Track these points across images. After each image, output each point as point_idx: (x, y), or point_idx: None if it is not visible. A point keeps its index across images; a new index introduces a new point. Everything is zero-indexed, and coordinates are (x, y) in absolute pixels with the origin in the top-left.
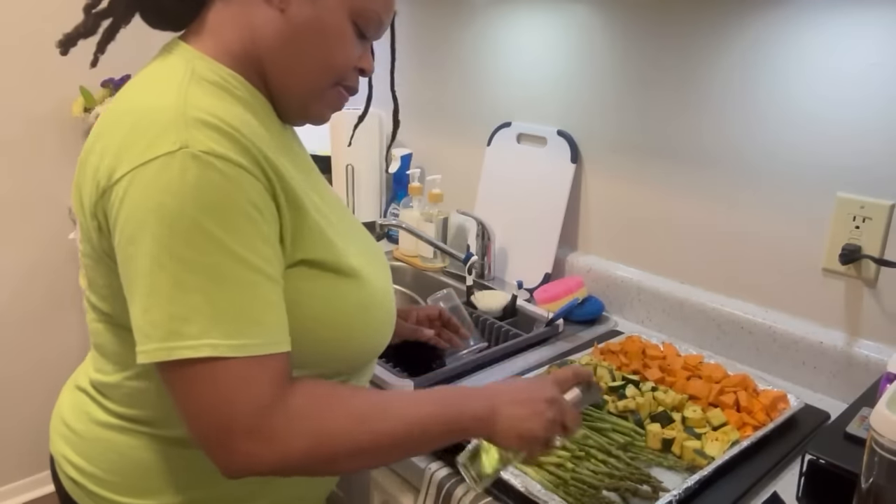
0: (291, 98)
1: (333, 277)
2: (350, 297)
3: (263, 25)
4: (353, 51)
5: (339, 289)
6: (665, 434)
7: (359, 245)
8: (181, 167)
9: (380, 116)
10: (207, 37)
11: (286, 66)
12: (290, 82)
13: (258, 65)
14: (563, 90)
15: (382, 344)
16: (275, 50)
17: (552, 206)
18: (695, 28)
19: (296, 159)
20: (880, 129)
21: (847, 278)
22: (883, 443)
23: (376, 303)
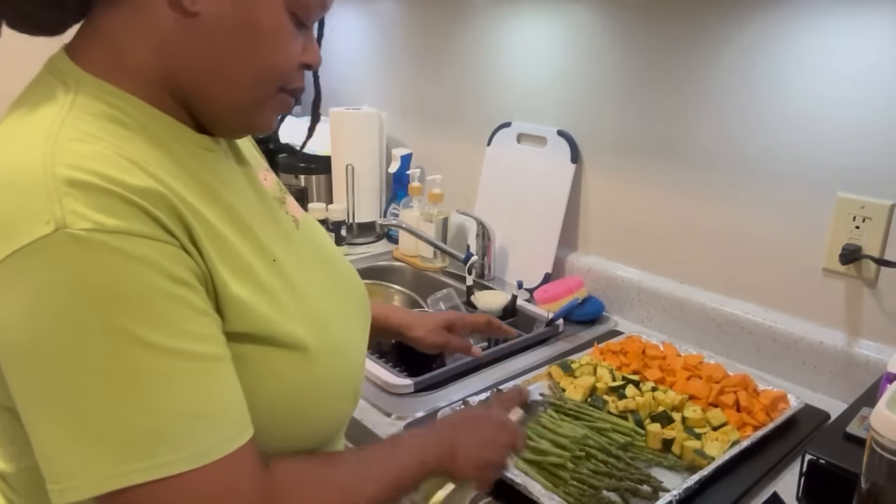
0: (225, 114)
1: (271, 352)
2: (290, 377)
3: (171, 33)
4: (293, 47)
5: (274, 367)
6: (665, 434)
7: (320, 294)
8: (59, 255)
9: (380, 116)
10: (98, 49)
11: (211, 79)
12: (220, 98)
13: (170, 80)
14: (563, 90)
15: (341, 421)
16: (192, 62)
17: (552, 206)
18: (695, 28)
19: (229, 189)
20: (880, 129)
21: (847, 278)
22: (883, 443)
23: (330, 377)
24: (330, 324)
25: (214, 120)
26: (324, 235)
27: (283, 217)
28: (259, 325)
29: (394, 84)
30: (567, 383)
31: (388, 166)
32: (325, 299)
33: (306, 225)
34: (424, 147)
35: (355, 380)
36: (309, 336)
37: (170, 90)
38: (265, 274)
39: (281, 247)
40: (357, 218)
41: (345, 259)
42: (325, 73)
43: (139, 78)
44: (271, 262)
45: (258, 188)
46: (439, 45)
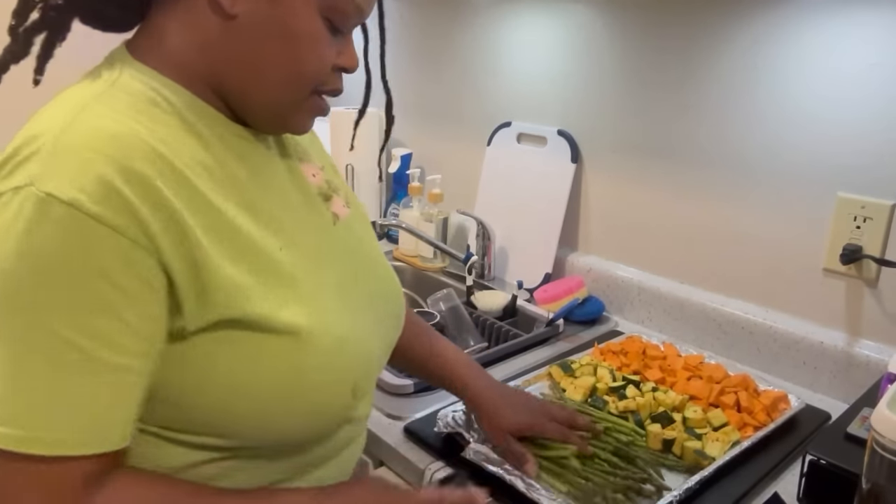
0: (261, 113)
1: (260, 338)
2: (280, 362)
3: (212, 33)
4: (326, 51)
5: (263, 352)
6: (666, 434)
7: (333, 287)
8: (17, 209)
9: (380, 116)
10: (150, 43)
11: (247, 78)
12: (256, 97)
13: (212, 77)
14: (563, 90)
15: (336, 416)
16: (230, 61)
17: (552, 206)
18: (695, 28)
19: (257, 177)
20: (881, 128)
21: (848, 278)
22: (884, 443)
23: (323, 367)
24: (333, 315)
25: (251, 117)
26: (366, 239)
27: (322, 212)
28: (249, 307)
29: (394, 84)
30: (567, 383)
31: (388, 166)
32: (336, 292)
33: (348, 225)
34: (424, 147)
35: (354, 375)
36: (303, 323)
37: (211, 86)
38: (267, 259)
39: (303, 237)
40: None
41: (385, 266)
42: None
43: (182, 71)
44: (278, 249)
45: (299, 181)
46: (439, 44)
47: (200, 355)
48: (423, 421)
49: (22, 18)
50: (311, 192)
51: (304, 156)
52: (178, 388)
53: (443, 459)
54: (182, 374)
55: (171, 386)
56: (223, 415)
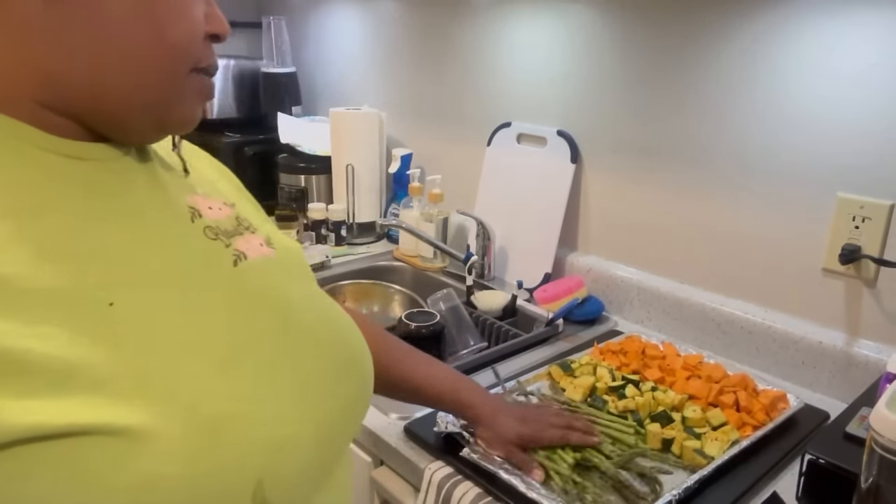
0: (130, 114)
1: (77, 446)
2: (112, 478)
3: (35, 24)
4: (193, 14)
5: (86, 468)
6: (665, 434)
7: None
8: None
9: (380, 116)
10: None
11: (102, 73)
12: (119, 94)
13: (44, 88)
14: (563, 90)
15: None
16: (73, 56)
17: (552, 206)
18: (695, 28)
19: (88, 207)
20: (880, 129)
21: (847, 278)
22: (882, 443)
23: (182, 468)
24: (205, 389)
25: (116, 125)
26: (290, 284)
27: (214, 252)
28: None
29: (394, 84)
30: (567, 383)
31: (388, 166)
32: (218, 354)
33: (261, 268)
34: (424, 147)
35: (257, 477)
36: (142, 410)
37: (34, 96)
38: (79, 322)
39: (163, 286)
40: (357, 218)
41: (325, 313)
42: (326, 73)
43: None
44: (106, 306)
45: (174, 211)
46: (439, 45)
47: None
48: (423, 420)
49: None
50: (199, 225)
51: (200, 189)
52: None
53: (443, 459)
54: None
55: None
56: None
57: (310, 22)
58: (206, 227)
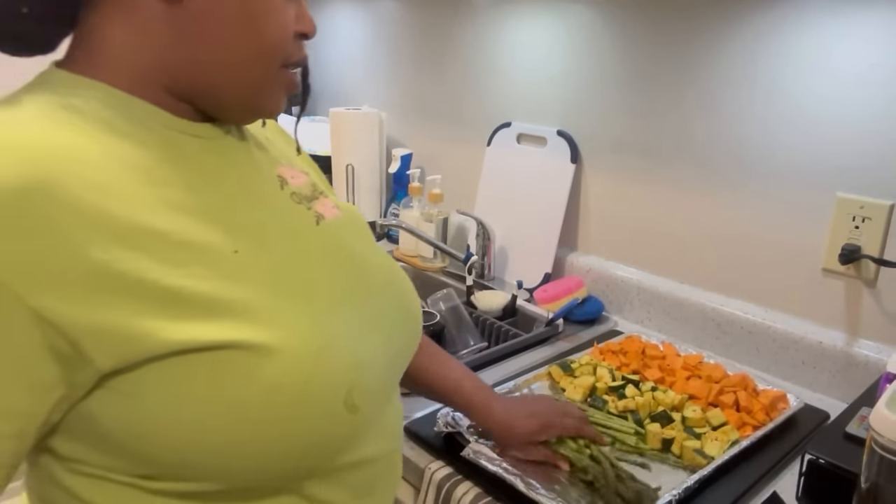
0: (229, 101)
1: (214, 358)
2: (242, 383)
3: (157, 25)
4: (285, 17)
5: (221, 374)
6: (665, 434)
7: (313, 292)
8: None
9: (380, 116)
10: (85, 52)
11: (208, 66)
12: (221, 84)
13: (161, 72)
14: (563, 90)
15: (324, 446)
16: (185, 50)
17: (552, 206)
18: (694, 28)
19: (208, 176)
20: (880, 129)
21: (847, 278)
22: (882, 443)
23: (295, 377)
24: (308, 320)
25: (220, 108)
26: (362, 241)
27: (300, 213)
28: (192, 326)
29: (394, 84)
30: (567, 383)
31: (388, 166)
32: (313, 294)
33: (337, 226)
34: (424, 147)
35: (344, 386)
36: (267, 331)
37: (161, 83)
38: (217, 264)
39: (269, 236)
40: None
41: (391, 270)
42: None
43: (122, 73)
44: (232, 252)
45: (270, 179)
46: (439, 45)
47: (147, 390)
48: (423, 420)
49: None
50: (288, 190)
51: (284, 160)
52: (131, 431)
53: (443, 459)
54: (129, 414)
55: (121, 430)
56: (200, 450)
57: None
58: (292, 193)
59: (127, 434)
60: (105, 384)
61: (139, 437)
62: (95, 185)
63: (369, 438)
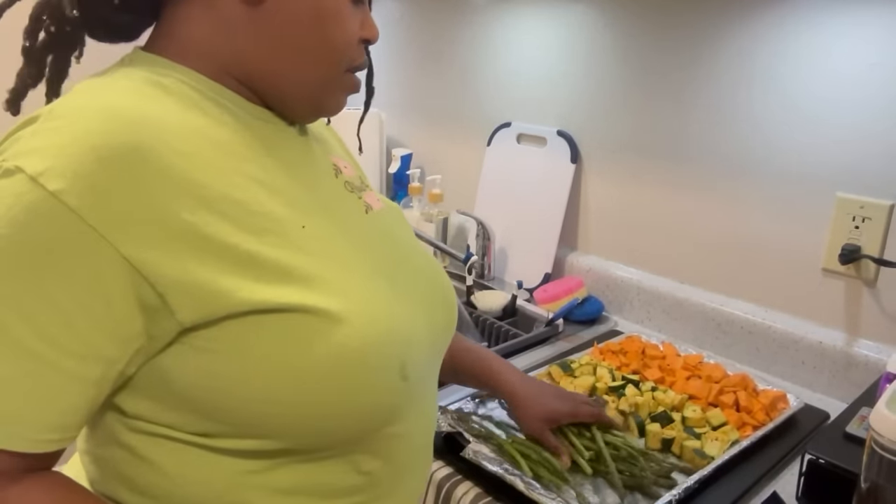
0: (295, 97)
1: (291, 320)
2: (315, 344)
3: (237, 22)
4: (353, 24)
5: (296, 335)
6: (665, 434)
7: (367, 269)
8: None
9: (380, 116)
10: (169, 40)
11: (279, 65)
12: (289, 82)
13: (237, 67)
14: (563, 90)
15: (384, 403)
16: (260, 49)
17: (552, 206)
18: (694, 28)
19: (277, 158)
20: (880, 129)
21: (847, 278)
22: (882, 443)
23: (361, 343)
24: (369, 294)
25: (286, 104)
26: (405, 230)
27: (352, 201)
28: (270, 290)
29: (394, 84)
30: (567, 383)
31: (388, 166)
32: (371, 271)
33: (382, 216)
34: (424, 147)
35: (399, 356)
36: (338, 300)
37: (235, 75)
38: (290, 235)
39: (331, 218)
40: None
41: (429, 257)
42: None
43: (202, 60)
44: (301, 227)
45: (327, 169)
46: (439, 45)
47: (221, 347)
48: None
49: (35, 38)
50: (341, 180)
51: (336, 153)
52: (203, 385)
53: (443, 459)
54: (203, 369)
55: (193, 385)
56: (266, 407)
57: None
58: (345, 182)
59: (198, 389)
60: (182, 339)
61: (210, 392)
62: (182, 153)
63: (413, 413)
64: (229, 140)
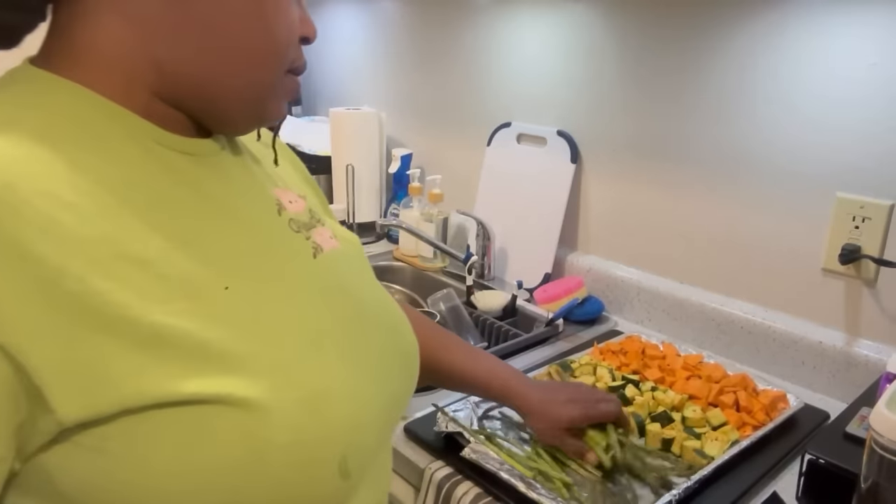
0: (231, 106)
1: (197, 413)
2: (228, 442)
3: (153, 17)
4: (292, 18)
5: (204, 431)
6: (665, 434)
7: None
8: None
9: (380, 116)
10: (65, 46)
11: (211, 67)
12: (224, 88)
13: (156, 75)
14: (563, 90)
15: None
16: (185, 49)
17: (552, 206)
18: (695, 28)
19: (198, 199)
20: (880, 129)
21: (847, 278)
22: (882, 442)
23: (288, 437)
24: (303, 368)
25: (219, 115)
26: (362, 276)
27: (298, 243)
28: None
29: (394, 84)
30: None
31: (388, 166)
32: (311, 337)
33: (335, 260)
34: (424, 147)
35: (340, 447)
36: (258, 383)
37: (154, 89)
38: (203, 302)
39: (264, 269)
40: (357, 218)
41: (389, 308)
42: (326, 73)
43: (105, 73)
44: (223, 289)
45: (265, 204)
46: (439, 45)
47: (115, 447)
48: (423, 421)
49: None
50: (284, 218)
51: (280, 181)
52: (92, 491)
53: (443, 459)
54: (92, 472)
55: (80, 490)
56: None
57: None
58: (290, 220)
59: (87, 492)
60: (67, 437)
61: (103, 494)
62: (67, 204)
63: (358, 496)
64: (131, 182)
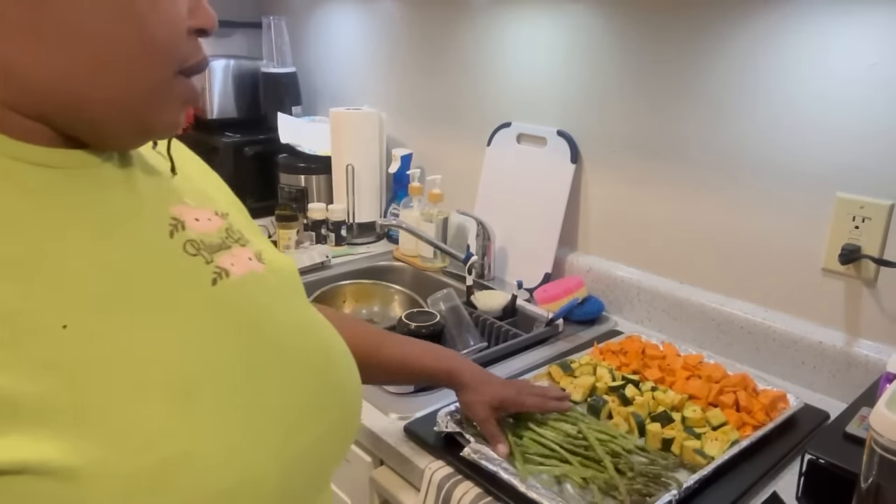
0: (111, 118)
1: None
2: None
3: (6, 25)
4: (175, 9)
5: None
6: (665, 434)
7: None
8: None
9: (380, 116)
10: None
11: (76, 84)
12: (97, 105)
13: (12, 90)
14: (563, 90)
15: None
16: (44, 61)
17: (552, 207)
18: (695, 28)
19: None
20: (880, 129)
21: (847, 278)
22: (882, 442)
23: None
24: (160, 427)
25: (93, 129)
26: (279, 300)
27: (194, 268)
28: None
29: (394, 84)
30: (567, 383)
31: (388, 166)
32: (181, 388)
33: (244, 288)
34: (424, 147)
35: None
36: (87, 449)
37: (10, 103)
38: (22, 347)
39: (128, 305)
40: (357, 218)
41: (318, 334)
42: (326, 73)
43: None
44: (59, 328)
45: (157, 224)
46: (439, 45)
47: None
48: (423, 420)
49: None
50: (178, 239)
51: (190, 198)
52: None
53: (443, 459)
54: None
55: None
56: None
57: (310, 22)
58: (186, 242)
59: None
60: None
61: None
62: None
63: None
64: None
